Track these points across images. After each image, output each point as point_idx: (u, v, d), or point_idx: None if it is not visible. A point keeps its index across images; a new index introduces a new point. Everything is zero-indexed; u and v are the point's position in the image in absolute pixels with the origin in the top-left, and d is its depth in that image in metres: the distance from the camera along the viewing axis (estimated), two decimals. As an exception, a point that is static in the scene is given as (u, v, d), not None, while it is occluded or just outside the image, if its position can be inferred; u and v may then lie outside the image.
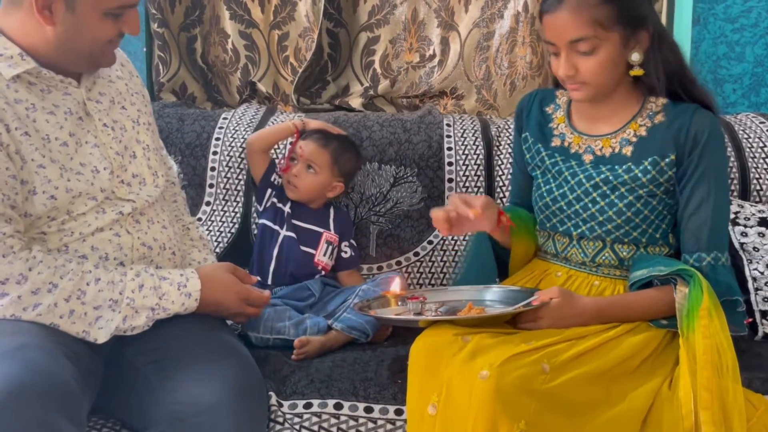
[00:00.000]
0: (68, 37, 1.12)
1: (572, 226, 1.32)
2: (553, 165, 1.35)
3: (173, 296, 1.16)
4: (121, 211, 1.19)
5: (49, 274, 1.08)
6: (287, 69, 2.05)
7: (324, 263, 1.61)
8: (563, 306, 1.18)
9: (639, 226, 1.28)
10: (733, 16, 2.01)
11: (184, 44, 2.04)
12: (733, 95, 2.06)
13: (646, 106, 1.29)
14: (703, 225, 1.22)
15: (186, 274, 1.19)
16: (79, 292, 1.09)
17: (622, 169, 1.27)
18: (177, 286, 1.17)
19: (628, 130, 1.28)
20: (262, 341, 1.41)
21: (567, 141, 1.34)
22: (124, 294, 1.12)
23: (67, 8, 1.10)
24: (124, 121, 1.25)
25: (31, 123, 1.12)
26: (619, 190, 1.27)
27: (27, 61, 1.12)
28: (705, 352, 1.10)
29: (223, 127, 1.82)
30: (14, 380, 0.93)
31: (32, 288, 1.07)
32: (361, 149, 1.75)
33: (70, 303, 1.08)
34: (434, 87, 2.02)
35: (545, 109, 1.40)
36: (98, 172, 1.17)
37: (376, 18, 2.01)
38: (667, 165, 1.25)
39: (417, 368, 1.12)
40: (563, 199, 1.32)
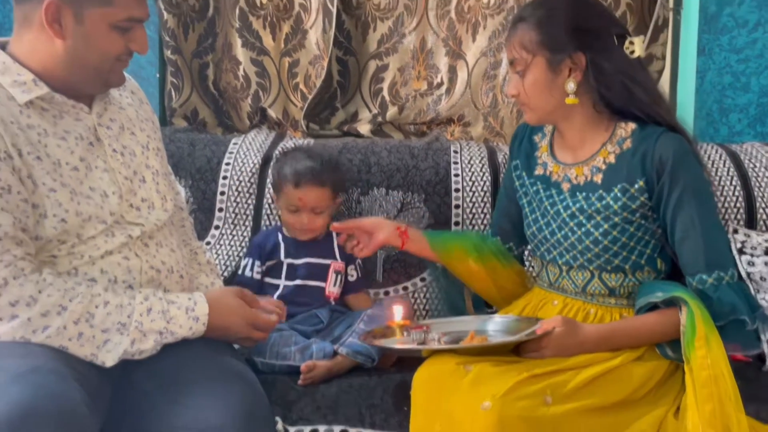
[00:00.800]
0: (77, 51, 1.14)
1: (557, 255, 1.33)
2: (536, 193, 1.37)
3: (181, 320, 1.17)
4: (130, 235, 1.20)
5: (59, 297, 1.09)
6: (297, 95, 2.08)
7: (335, 293, 1.61)
8: (566, 335, 1.19)
9: (619, 254, 1.27)
10: (738, 47, 2.03)
11: (197, 71, 2.08)
12: (739, 125, 2.08)
13: (616, 132, 1.30)
14: (697, 248, 1.22)
15: (194, 298, 1.20)
16: (88, 315, 1.10)
17: (594, 197, 1.28)
18: (185, 310, 1.17)
19: (597, 158, 1.30)
20: (268, 366, 1.42)
21: (548, 170, 1.36)
22: (133, 317, 1.13)
23: (76, 21, 1.12)
24: (133, 146, 1.28)
25: (43, 148, 1.14)
26: (594, 218, 1.28)
27: (40, 87, 1.15)
28: (705, 385, 1.09)
29: (233, 152, 1.84)
30: (25, 404, 0.94)
31: (42, 310, 1.08)
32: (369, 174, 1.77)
33: (79, 326, 1.09)
34: (442, 114, 2.05)
35: (533, 138, 1.43)
36: (107, 197, 1.19)
37: (385, 47, 2.04)
38: (637, 191, 1.25)
39: (420, 398, 1.12)
40: (547, 228, 1.34)
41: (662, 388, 1.20)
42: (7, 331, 1.07)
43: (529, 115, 1.32)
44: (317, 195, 1.59)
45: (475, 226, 1.76)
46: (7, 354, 1.05)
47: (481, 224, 1.76)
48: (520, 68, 1.27)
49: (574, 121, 1.31)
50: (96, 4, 1.12)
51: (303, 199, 1.58)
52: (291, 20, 2.05)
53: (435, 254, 1.45)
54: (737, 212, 1.73)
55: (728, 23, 2.02)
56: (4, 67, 1.15)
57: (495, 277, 1.44)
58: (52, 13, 1.11)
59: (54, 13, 1.11)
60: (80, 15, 1.12)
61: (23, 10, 1.15)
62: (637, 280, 1.29)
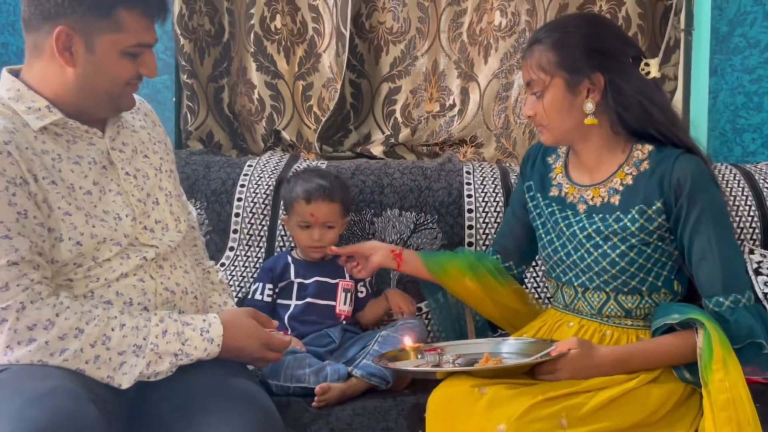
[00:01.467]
0: (88, 78, 1.16)
1: (573, 276, 1.32)
2: (551, 215, 1.36)
3: (196, 342, 1.17)
4: (145, 257, 1.22)
5: (76, 320, 1.10)
6: (311, 118, 2.10)
7: (346, 312, 1.62)
8: (582, 357, 1.18)
9: (636, 276, 1.27)
10: (751, 67, 2.03)
11: (212, 94, 2.11)
12: (753, 145, 2.07)
13: (633, 153, 1.30)
14: (713, 270, 1.21)
15: (208, 320, 1.21)
16: (104, 338, 1.11)
17: (612, 218, 1.28)
18: (200, 332, 1.18)
19: (615, 179, 1.30)
20: (282, 389, 1.42)
21: (563, 191, 1.36)
22: (148, 339, 1.14)
23: (87, 49, 1.14)
24: (147, 169, 1.29)
25: (57, 173, 1.15)
26: (611, 240, 1.27)
27: (54, 113, 1.17)
28: (723, 409, 1.08)
29: (248, 174, 1.86)
30: (43, 426, 0.95)
31: (59, 333, 1.09)
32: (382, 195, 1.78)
33: (96, 348, 1.10)
34: (454, 135, 2.06)
35: (547, 159, 1.43)
36: (120, 219, 1.20)
37: (398, 69, 2.07)
38: (654, 213, 1.25)
39: (435, 420, 1.12)
40: (563, 250, 1.33)
41: (679, 410, 1.19)
42: (25, 355, 1.08)
43: (545, 136, 1.32)
44: (328, 210, 1.62)
45: (488, 246, 1.75)
46: (24, 376, 1.06)
47: (495, 245, 1.76)
48: (538, 89, 1.28)
49: (591, 142, 1.31)
50: (106, 31, 1.14)
51: (315, 214, 1.60)
52: (305, 44, 2.08)
53: (430, 274, 1.46)
54: (753, 232, 1.71)
55: (740, 44, 2.03)
56: (18, 94, 1.17)
57: (493, 295, 1.43)
58: (63, 41, 1.13)
59: (65, 41, 1.13)
60: (91, 43, 1.14)
61: (33, 39, 1.16)
62: (653, 302, 1.28)
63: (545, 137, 1.32)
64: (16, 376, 1.06)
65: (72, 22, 1.12)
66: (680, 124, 1.31)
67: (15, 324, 1.07)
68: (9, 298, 1.07)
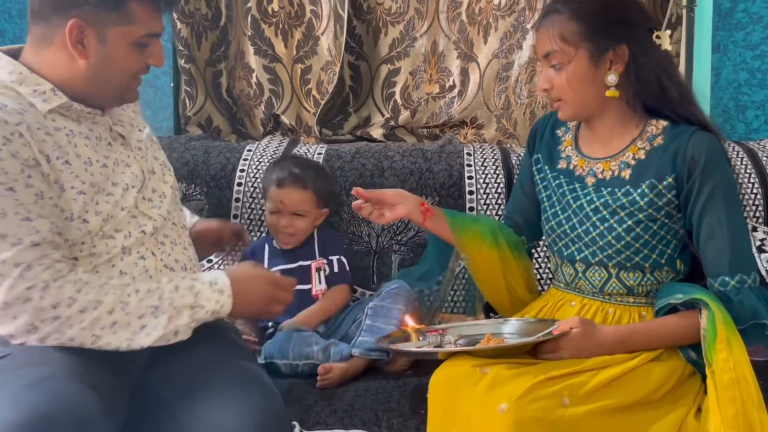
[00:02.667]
0: (99, 69, 1.16)
1: (576, 251, 1.31)
2: (558, 187, 1.35)
3: (207, 293, 1.17)
4: (144, 230, 1.23)
5: (95, 294, 1.11)
6: (310, 101, 2.09)
7: (322, 290, 1.61)
8: (584, 336, 1.18)
9: (640, 251, 1.26)
10: (754, 43, 2.01)
11: (210, 79, 2.10)
12: (756, 121, 2.06)
13: (647, 129, 1.28)
14: (722, 249, 1.20)
15: (214, 274, 1.21)
16: (122, 304, 1.12)
17: (620, 192, 1.27)
18: (209, 285, 1.18)
19: (627, 153, 1.29)
20: (291, 368, 1.42)
21: (572, 163, 1.35)
22: (164, 297, 1.14)
23: (99, 41, 1.14)
24: (145, 140, 1.32)
25: (73, 149, 1.16)
26: (618, 214, 1.26)
27: (59, 96, 1.17)
28: (727, 388, 1.08)
29: (248, 158, 1.86)
30: (40, 411, 0.95)
31: (80, 308, 1.10)
32: (383, 178, 1.77)
33: (113, 315, 1.11)
34: (454, 117, 2.05)
35: (556, 132, 1.41)
36: (127, 190, 1.22)
37: (397, 51, 2.05)
38: (665, 188, 1.24)
39: (437, 401, 1.12)
40: (567, 223, 1.32)
41: (681, 388, 1.19)
42: (50, 332, 1.09)
43: (564, 110, 1.29)
44: (298, 197, 1.62)
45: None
46: (23, 361, 1.06)
47: (496, 226, 1.75)
48: (559, 61, 1.24)
49: (606, 116, 1.29)
50: (117, 23, 1.14)
51: (284, 200, 1.61)
52: (303, 27, 2.06)
53: (453, 234, 1.40)
54: (756, 210, 1.71)
55: (743, 19, 2.01)
56: (21, 77, 1.16)
57: (505, 269, 1.41)
58: (76, 34, 1.13)
59: (77, 34, 1.13)
60: (103, 35, 1.14)
61: (42, 29, 1.16)
62: (655, 280, 1.28)
63: (563, 111, 1.29)
64: (15, 362, 1.06)
65: (84, 15, 1.12)
66: (695, 101, 1.30)
67: (39, 303, 1.08)
68: (33, 277, 1.07)
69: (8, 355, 1.09)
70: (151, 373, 1.17)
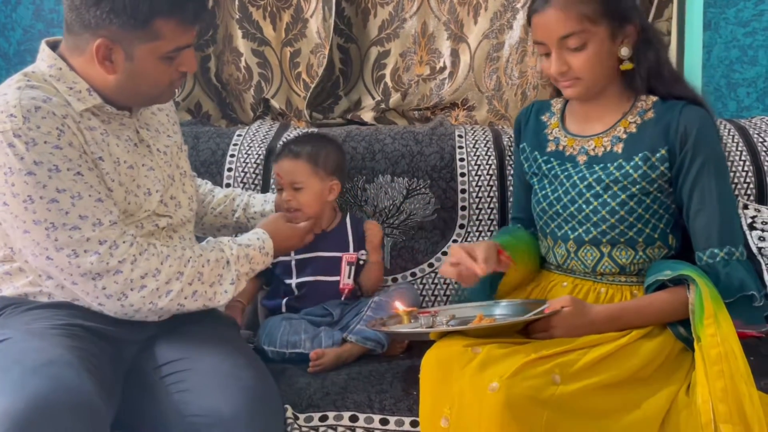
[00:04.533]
0: (129, 82, 1.18)
1: (569, 230, 1.31)
2: (550, 170, 1.35)
3: (258, 258, 1.33)
4: (157, 224, 1.26)
5: (178, 265, 1.20)
6: (300, 85, 2.07)
7: (350, 285, 1.57)
8: (575, 315, 1.18)
9: (634, 225, 1.27)
10: (745, 20, 2.00)
11: (198, 64, 2.08)
12: (747, 99, 2.05)
13: (637, 104, 1.29)
14: (711, 220, 1.21)
15: (261, 237, 1.36)
16: (198, 275, 1.22)
17: (613, 166, 1.27)
18: (259, 250, 1.33)
19: (618, 128, 1.29)
20: (278, 355, 1.42)
21: (561, 144, 1.35)
22: (231, 266, 1.27)
23: (127, 58, 1.15)
24: (172, 146, 1.34)
25: (106, 147, 1.19)
26: (611, 188, 1.27)
27: (94, 97, 1.19)
28: (716, 363, 1.09)
29: (238, 144, 1.84)
30: (42, 396, 0.96)
31: (166, 279, 1.18)
32: (374, 161, 1.77)
33: (193, 285, 1.21)
34: (445, 99, 2.03)
35: (541, 118, 1.41)
36: (150, 194, 1.25)
37: (386, 32, 2.03)
38: (658, 160, 1.25)
39: (428, 381, 1.12)
40: (558, 203, 1.32)
41: (672, 364, 1.19)
42: (138, 300, 1.16)
43: (577, 89, 1.26)
44: (292, 168, 1.55)
45: (482, 210, 1.75)
46: (23, 347, 1.07)
47: (488, 208, 1.75)
48: (580, 42, 1.21)
49: (606, 93, 1.29)
50: (144, 40, 1.14)
51: (279, 173, 1.57)
52: (291, 9, 2.04)
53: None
54: (747, 187, 1.71)
55: (734, -5, 1.99)
56: (60, 73, 1.18)
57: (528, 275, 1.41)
58: (103, 52, 1.14)
59: (105, 52, 1.14)
60: (130, 52, 1.15)
61: (74, 40, 1.17)
62: (647, 257, 1.28)
63: (576, 90, 1.26)
64: (15, 347, 1.07)
65: (111, 33, 1.13)
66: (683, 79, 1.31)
67: (130, 274, 1.15)
68: (123, 253, 1.15)
69: (8, 339, 1.10)
70: (145, 357, 1.19)
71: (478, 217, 1.75)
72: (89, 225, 1.13)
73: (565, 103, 1.39)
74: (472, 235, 1.75)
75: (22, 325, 1.13)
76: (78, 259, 1.13)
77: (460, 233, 1.76)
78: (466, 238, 1.75)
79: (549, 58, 1.25)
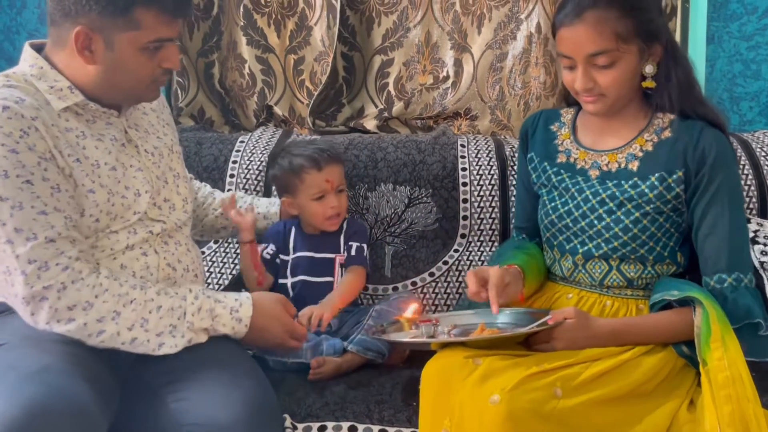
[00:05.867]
0: (110, 74, 1.16)
1: (578, 244, 1.30)
2: (560, 182, 1.34)
3: (225, 319, 1.21)
4: (151, 231, 1.24)
5: (114, 303, 1.11)
6: (303, 92, 2.08)
7: None
8: (578, 327, 1.17)
9: (646, 243, 1.26)
10: (748, 34, 2.00)
11: (202, 70, 2.08)
12: (750, 113, 2.05)
13: (654, 121, 1.28)
14: (721, 245, 1.20)
15: (240, 299, 1.23)
16: (143, 321, 1.13)
17: (628, 184, 1.26)
18: (230, 311, 1.21)
19: (634, 145, 1.28)
20: (279, 364, 1.42)
21: (573, 157, 1.34)
22: (184, 318, 1.17)
23: (107, 47, 1.14)
24: (162, 148, 1.32)
25: (81, 150, 1.17)
26: (626, 206, 1.26)
27: (75, 95, 1.17)
28: (723, 387, 1.07)
29: (240, 150, 1.84)
30: (36, 403, 0.95)
31: (97, 316, 1.10)
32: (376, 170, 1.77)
33: (133, 332, 1.13)
34: (448, 108, 2.04)
35: (550, 128, 1.40)
36: (140, 195, 1.23)
37: (390, 41, 2.03)
38: (674, 182, 1.24)
39: (428, 392, 1.11)
40: (569, 216, 1.31)
41: (675, 380, 1.19)
42: (65, 333, 1.10)
43: (599, 105, 1.24)
44: (339, 172, 1.58)
45: (483, 219, 1.75)
46: (19, 353, 1.06)
47: (489, 218, 1.75)
48: (607, 61, 1.19)
49: (625, 109, 1.28)
50: (124, 29, 1.13)
51: (330, 179, 1.54)
52: (295, 17, 2.04)
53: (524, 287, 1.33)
54: (749, 201, 1.70)
55: (737, 10, 2.00)
56: (41, 72, 1.17)
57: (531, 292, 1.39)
58: (83, 41, 1.13)
59: (84, 40, 1.13)
60: (110, 41, 1.14)
61: (57, 32, 1.16)
62: (655, 273, 1.28)
63: (599, 106, 1.24)
64: (10, 353, 1.06)
65: (90, 21, 1.12)
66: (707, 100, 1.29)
67: (56, 303, 1.08)
68: (50, 277, 1.08)
69: (3, 345, 1.09)
70: (144, 364, 1.17)
71: (480, 227, 1.75)
72: (22, 239, 1.06)
73: (576, 113, 1.37)
74: (473, 245, 1.75)
75: (18, 331, 1.12)
76: (10, 276, 1.07)
77: (461, 243, 1.76)
78: (467, 248, 1.75)
79: (573, 71, 1.23)
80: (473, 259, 1.73)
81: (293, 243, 1.60)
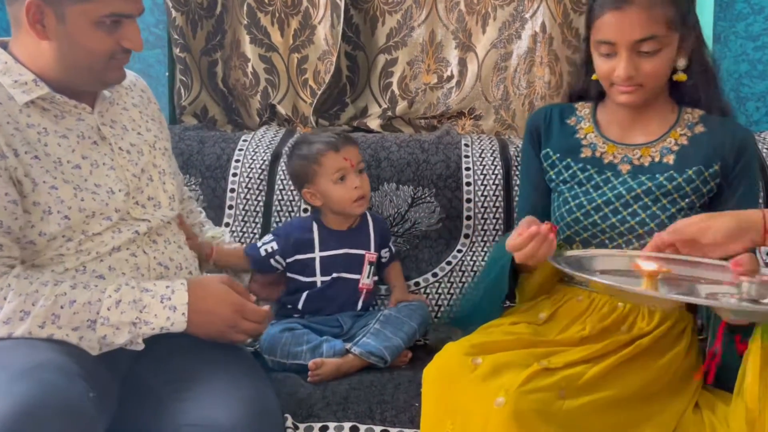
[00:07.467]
0: (64, 50, 1.13)
1: (607, 239, 1.28)
2: (588, 178, 1.31)
3: (155, 309, 1.11)
4: (137, 231, 1.21)
5: (20, 303, 1.07)
6: (306, 91, 2.07)
7: (367, 286, 1.56)
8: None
9: None
10: (755, 34, 1.99)
11: (206, 68, 2.08)
12: (757, 113, 2.04)
13: (683, 116, 1.28)
14: None
15: (173, 286, 1.14)
16: (53, 317, 1.08)
17: (663, 177, 1.25)
18: (160, 299, 1.12)
19: (668, 139, 1.27)
20: (278, 365, 1.41)
21: (599, 151, 1.31)
22: (100, 313, 1.10)
23: (58, 20, 1.11)
24: (141, 145, 1.28)
25: (42, 147, 1.14)
26: (661, 201, 1.25)
27: (40, 87, 1.15)
28: None
29: (243, 149, 1.84)
30: (30, 400, 0.94)
31: (4, 318, 1.07)
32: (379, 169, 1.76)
33: (46, 329, 1.08)
34: (452, 107, 2.03)
35: (567, 122, 1.37)
36: (113, 194, 1.19)
37: (394, 40, 2.03)
38: (710, 176, 1.24)
39: (431, 393, 1.11)
40: (597, 213, 1.28)
41: (681, 382, 1.17)
42: None
43: (633, 97, 1.22)
44: (356, 152, 1.56)
45: (487, 219, 1.74)
46: (12, 350, 1.05)
47: (493, 218, 1.74)
48: (652, 47, 1.17)
49: (656, 102, 1.28)
50: (75, 1, 1.10)
51: (348, 158, 1.52)
52: (299, 16, 2.04)
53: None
54: (755, 202, 1.69)
55: (744, 10, 1.98)
56: (6, 67, 1.15)
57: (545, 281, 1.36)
58: (33, 13, 1.10)
59: (35, 13, 1.10)
60: (61, 13, 1.10)
61: (13, 11, 1.14)
62: None
63: (634, 97, 1.22)
64: (3, 350, 1.05)
65: None
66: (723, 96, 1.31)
67: None
68: None
69: None
70: (142, 363, 1.16)
71: (483, 227, 1.74)
72: None
73: (595, 106, 1.35)
74: (476, 245, 1.74)
75: None
76: None
77: (465, 243, 1.75)
78: (470, 248, 1.74)
79: (611, 60, 1.20)
80: (477, 260, 1.72)
81: (319, 242, 1.55)
